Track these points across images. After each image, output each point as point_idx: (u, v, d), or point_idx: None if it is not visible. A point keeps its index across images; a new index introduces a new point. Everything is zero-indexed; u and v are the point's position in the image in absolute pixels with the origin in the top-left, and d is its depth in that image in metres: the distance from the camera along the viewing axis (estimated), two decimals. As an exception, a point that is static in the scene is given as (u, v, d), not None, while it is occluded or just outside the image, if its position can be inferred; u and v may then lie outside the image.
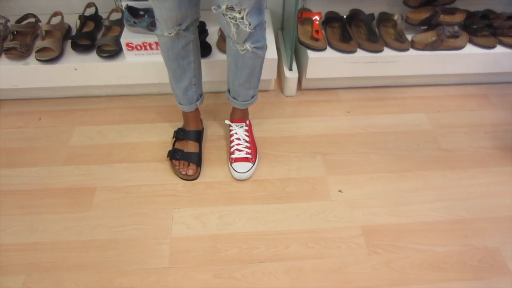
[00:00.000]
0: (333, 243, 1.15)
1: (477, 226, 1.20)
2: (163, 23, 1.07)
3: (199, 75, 1.28)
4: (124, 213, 1.22)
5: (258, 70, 1.19)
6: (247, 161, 1.30)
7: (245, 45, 1.07)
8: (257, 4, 0.98)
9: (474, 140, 1.47)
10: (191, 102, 1.31)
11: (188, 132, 1.36)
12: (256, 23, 1.01)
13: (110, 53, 1.43)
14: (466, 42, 1.54)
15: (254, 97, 1.30)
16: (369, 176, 1.33)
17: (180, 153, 1.33)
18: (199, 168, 1.33)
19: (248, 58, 1.11)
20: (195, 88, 1.29)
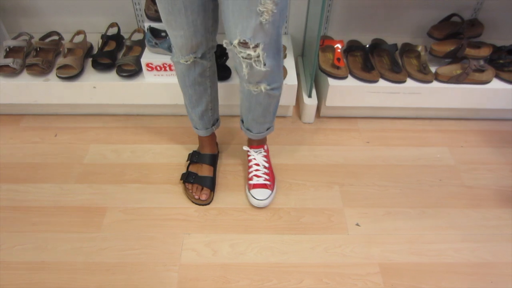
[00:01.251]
0: (349, 280, 1.09)
1: (503, 271, 1.13)
2: (178, 50, 1.05)
3: (216, 100, 1.26)
4: (133, 236, 1.18)
5: (274, 107, 1.15)
6: (266, 188, 1.26)
7: (260, 86, 1.02)
8: (275, 42, 0.92)
9: (499, 178, 1.41)
10: (207, 127, 1.29)
11: (203, 156, 1.34)
12: (273, 64, 0.96)
13: (129, 73, 1.43)
14: (492, 77, 1.50)
15: (270, 129, 1.26)
16: (388, 210, 1.27)
17: (194, 177, 1.30)
18: (213, 193, 1.30)
19: (262, 98, 1.07)
20: (211, 113, 1.26)
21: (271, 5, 0.83)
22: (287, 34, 1.70)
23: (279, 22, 0.89)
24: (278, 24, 0.89)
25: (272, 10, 0.84)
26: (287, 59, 1.55)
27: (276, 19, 0.87)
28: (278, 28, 0.90)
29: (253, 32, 0.87)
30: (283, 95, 1.46)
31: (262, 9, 0.83)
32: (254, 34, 0.88)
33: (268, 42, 0.90)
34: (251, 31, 0.87)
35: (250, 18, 0.85)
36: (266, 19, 0.85)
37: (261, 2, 0.82)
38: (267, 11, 0.84)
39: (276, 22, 0.88)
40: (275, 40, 0.92)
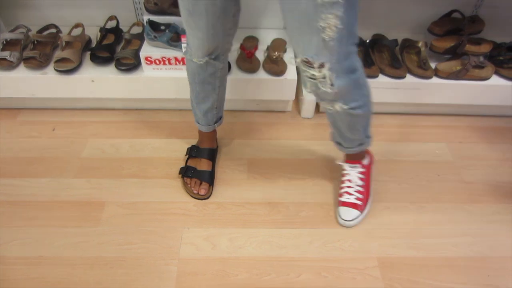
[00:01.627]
0: (348, 274, 1.10)
1: (500, 265, 1.13)
2: (194, 51, 1.03)
3: (222, 100, 1.25)
4: (132, 230, 1.18)
5: (362, 125, 1.04)
6: (355, 208, 1.20)
7: (334, 105, 0.93)
8: (344, 60, 0.82)
9: (498, 174, 1.41)
10: (209, 123, 1.28)
11: (202, 150, 1.33)
12: (346, 85, 0.86)
13: (128, 66, 1.42)
14: (491, 73, 1.50)
15: (363, 145, 1.14)
16: (387, 205, 1.28)
17: (193, 171, 1.29)
18: (211, 187, 1.29)
19: (343, 116, 0.97)
20: (216, 112, 1.25)
21: (334, 19, 0.74)
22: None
23: (347, 39, 0.79)
24: (347, 41, 0.79)
25: (336, 26, 0.75)
26: (288, 54, 1.54)
27: (343, 35, 0.77)
28: (348, 46, 0.81)
29: (315, 50, 0.79)
30: (283, 90, 1.46)
31: (324, 25, 0.74)
32: (317, 52, 0.79)
33: (335, 61, 0.81)
34: (314, 49, 0.79)
35: (312, 35, 0.77)
36: (330, 36, 0.76)
37: (322, 17, 0.74)
38: (329, 27, 0.75)
39: (344, 39, 0.78)
40: (345, 58, 0.82)
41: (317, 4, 0.72)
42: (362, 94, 0.95)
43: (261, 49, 1.56)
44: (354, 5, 0.76)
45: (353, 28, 0.79)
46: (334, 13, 0.73)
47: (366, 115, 1.01)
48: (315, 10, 0.73)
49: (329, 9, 0.73)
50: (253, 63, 1.46)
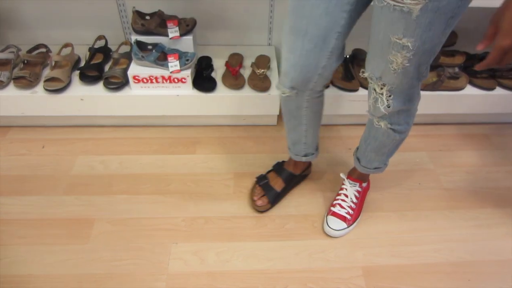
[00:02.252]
0: (333, 284, 1.13)
1: (480, 269, 1.18)
2: (282, 77, 1.01)
3: (312, 137, 1.20)
4: (121, 246, 1.20)
5: (390, 150, 1.12)
6: (344, 221, 1.24)
7: (381, 122, 1.01)
8: (406, 89, 0.90)
9: (476, 180, 1.46)
10: (297, 154, 1.27)
11: (283, 170, 1.35)
12: (398, 109, 0.95)
13: (116, 85, 1.45)
14: (466, 84, 1.56)
15: (378, 169, 1.21)
16: (370, 215, 1.32)
17: (264, 183, 1.33)
18: (270, 205, 1.31)
19: (381, 133, 1.05)
20: (305, 147, 1.23)
21: (401, 58, 0.81)
22: (271, 46, 1.75)
23: (413, 75, 0.86)
24: (412, 76, 0.86)
25: (403, 63, 0.82)
26: (271, 70, 1.59)
27: (409, 71, 0.84)
28: (412, 80, 0.87)
29: (381, 74, 0.88)
30: (266, 103, 1.51)
31: (392, 59, 0.82)
32: (382, 75, 0.88)
33: (396, 87, 0.89)
34: (380, 72, 0.88)
35: (381, 61, 0.85)
36: (395, 69, 0.84)
37: (392, 53, 0.81)
38: (396, 62, 0.82)
39: (409, 74, 0.85)
40: (407, 88, 0.90)
41: (390, 41, 0.80)
42: (407, 122, 1.02)
43: (246, 65, 1.61)
44: (428, 52, 0.81)
45: (421, 68, 0.86)
46: (403, 53, 0.80)
47: (398, 142, 1.09)
48: (388, 45, 0.81)
49: (399, 49, 0.80)
50: (238, 80, 1.50)
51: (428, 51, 0.81)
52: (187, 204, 1.33)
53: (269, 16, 1.64)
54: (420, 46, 0.78)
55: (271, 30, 1.70)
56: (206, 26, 1.66)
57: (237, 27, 1.67)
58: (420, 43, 0.78)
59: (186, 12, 1.59)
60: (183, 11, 1.58)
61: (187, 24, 1.45)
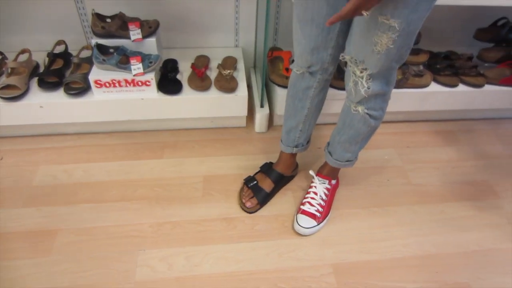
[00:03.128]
0: (304, 283, 1.12)
1: (447, 261, 1.19)
2: (296, 59, 1.09)
3: (309, 125, 1.25)
4: (86, 257, 1.16)
5: (363, 138, 1.14)
6: (313, 218, 1.24)
7: (358, 107, 1.04)
8: (384, 73, 0.93)
9: (443, 175, 1.49)
10: (288, 144, 1.29)
11: (272, 171, 1.35)
12: (377, 92, 0.97)
13: (78, 90, 1.41)
14: (430, 81, 1.60)
15: (349, 162, 1.23)
16: (340, 212, 1.32)
17: (253, 184, 1.33)
18: (259, 206, 1.31)
19: (357, 120, 1.07)
20: (299, 134, 1.26)
21: (386, 39, 0.83)
22: (238, 47, 1.74)
23: (394, 57, 0.88)
24: (393, 58, 0.88)
25: (387, 45, 0.84)
26: (238, 71, 1.58)
27: (392, 53, 0.87)
28: (392, 62, 0.90)
29: (364, 57, 0.91)
30: (235, 105, 1.49)
31: (377, 40, 0.85)
32: (365, 58, 0.91)
33: (377, 71, 0.92)
34: (363, 55, 0.90)
35: (365, 44, 0.88)
36: (379, 51, 0.86)
37: (378, 34, 0.84)
38: (380, 44, 0.85)
39: (391, 56, 0.88)
40: (386, 71, 0.93)
41: (377, 22, 0.82)
42: (381, 108, 1.05)
43: (213, 67, 1.60)
44: (411, 34, 0.84)
45: (401, 50, 0.88)
46: (388, 34, 0.83)
47: (373, 129, 1.11)
48: (375, 25, 0.83)
49: (385, 30, 0.82)
50: (204, 81, 1.48)
51: (412, 33, 0.84)
52: (154, 210, 1.30)
53: (235, 17, 1.63)
54: (405, 27, 0.81)
55: (238, 32, 1.69)
56: (171, 29, 1.63)
57: (203, 29, 1.66)
58: (406, 25, 0.80)
59: (149, 14, 1.56)
60: (145, 13, 1.56)
61: (150, 26, 1.42)
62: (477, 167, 1.53)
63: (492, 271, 1.17)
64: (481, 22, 1.75)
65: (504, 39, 1.67)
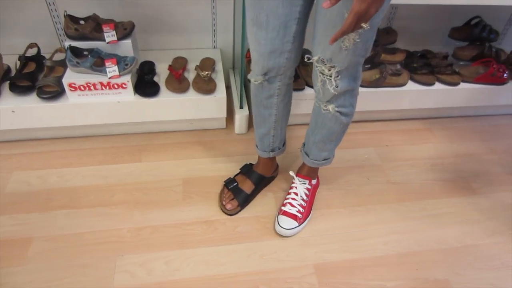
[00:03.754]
0: (285, 284, 1.11)
1: (427, 258, 1.20)
2: (253, 67, 1.06)
3: (280, 128, 1.24)
4: (62, 265, 1.13)
5: (337, 136, 1.14)
6: (295, 219, 1.23)
7: (328, 106, 1.03)
8: (351, 69, 0.93)
9: (421, 172, 1.51)
10: (264, 150, 1.29)
11: (253, 172, 1.34)
12: (345, 89, 0.97)
13: (51, 94, 1.37)
14: (407, 80, 1.61)
15: (327, 160, 1.24)
16: (320, 212, 1.32)
17: (233, 186, 1.31)
18: (239, 208, 1.30)
19: (329, 119, 1.07)
20: (273, 140, 1.25)
21: (354, 34, 0.83)
22: (216, 48, 1.73)
23: (360, 52, 0.89)
24: (359, 53, 0.89)
25: (354, 39, 0.84)
26: (217, 73, 1.57)
27: (358, 48, 0.87)
28: (359, 57, 0.91)
29: (331, 55, 0.90)
30: (214, 107, 1.48)
31: (344, 36, 0.82)
32: (333, 56, 0.90)
33: (345, 68, 0.92)
34: (330, 53, 0.89)
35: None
36: (346, 46, 0.86)
37: None
38: (348, 39, 0.84)
39: (358, 51, 0.88)
40: (353, 67, 0.93)
41: (343, 17, 0.80)
42: (351, 104, 1.05)
43: (191, 69, 1.58)
44: (375, 26, 0.86)
45: (367, 44, 0.89)
46: None
47: (345, 126, 1.11)
48: (341, 21, 0.81)
49: None
50: (182, 83, 1.46)
51: (376, 25, 0.85)
52: (133, 214, 1.27)
53: (212, 18, 1.62)
54: (371, 20, 0.81)
55: (215, 33, 1.68)
56: (147, 30, 1.61)
57: (180, 31, 1.64)
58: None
59: (123, 15, 1.53)
60: (120, 15, 1.53)
61: (125, 28, 1.40)
62: (455, 164, 1.56)
63: (471, 266, 1.19)
64: (455, 22, 1.79)
65: (477, 37, 1.71)
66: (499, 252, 1.23)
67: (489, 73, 1.63)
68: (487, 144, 1.67)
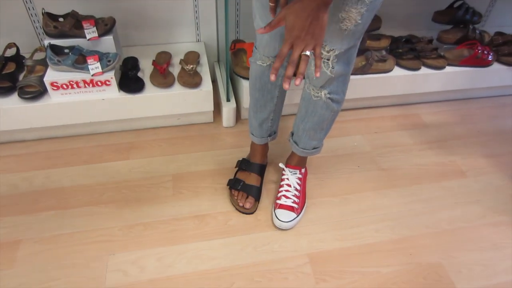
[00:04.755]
0: (280, 275, 1.11)
1: (419, 243, 1.21)
2: (261, 49, 1.05)
3: (278, 112, 1.25)
4: (52, 266, 1.11)
5: (327, 124, 1.14)
6: (292, 211, 1.23)
7: (321, 92, 1.02)
8: (347, 52, 0.92)
9: (410, 157, 1.51)
10: (263, 135, 1.28)
11: (252, 165, 1.33)
12: (340, 72, 0.96)
13: (33, 94, 1.34)
14: (393, 66, 1.61)
15: (316, 149, 1.23)
16: (312, 202, 1.31)
17: (241, 184, 1.28)
18: (257, 203, 1.28)
19: (320, 106, 1.07)
20: (271, 124, 1.25)
21: (355, 14, 0.82)
22: (200, 42, 1.71)
23: (358, 34, 0.88)
24: (357, 35, 0.88)
25: (356, 20, 0.83)
26: (202, 66, 1.55)
27: (358, 30, 0.86)
28: (355, 40, 0.90)
29: (330, 36, 0.88)
30: (200, 101, 1.46)
31: (344, 16, 0.83)
32: (331, 38, 0.88)
33: (343, 51, 0.90)
34: (329, 34, 0.88)
35: (331, 22, 0.85)
36: (347, 27, 0.84)
37: (345, 9, 0.82)
38: (349, 19, 0.83)
39: (356, 33, 0.87)
40: (349, 50, 0.92)
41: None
42: (343, 91, 1.05)
43: (175, 63, 1.56)
44: (375, 8, 0.85)
45: (365, 26, 0.88)
46: (358, 8, 0.81)
47: (335, 114, 1.11)
48: (342, 1, 0.81)
49: (354, 4, 0.81)
50: (167, 78, 1.44)
51: (377, 6, 0.84)
52: (123, 212, 1.25)
53: (195, 11, 1.60)
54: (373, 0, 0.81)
55: (199, 26, 1.65)
56: (128, 26, 1.58)
57: (162, 25, 1.61)
58: None
59: (103, 11, 1.50)
60: (99, 10, 1.49)
61: (106, 24, 1.37)
62: (444, 148, 1.56)
63: (463, 249, 1.20)
64: (438, 5, 1.79)
65: (461, 20, 1.71)
66: (489, 233, 1.24)
67: (473, 56, 1.64)
68: (474, 126, 1.69)
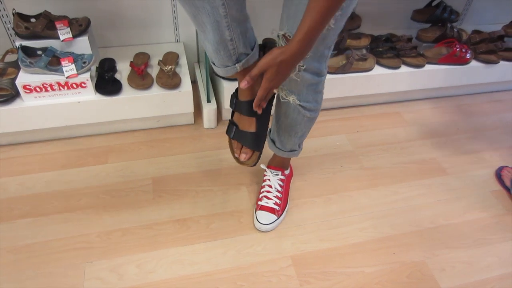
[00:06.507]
0: (263, 278, 1.09)
1: (403, 241, 1.21)
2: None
3: (238, 29, 0.83)
4: (27, 275, 1.06)
5: (302, 129, 1.08)
6: (273, 213, 1.20)
7: (289, 97, 0.97)
8: (315, 62, 0.88)
9: (392, 156, 1.51)
10: (226, 64, 0.87)
11: (241, 104, 0.97)
12: (308, 80, 0.92)
13: (5, 98, 1.29)
14: (374, 64, 1.61)
15: (293, 152, 1.18)
16: (295, 203, 1.30)
17: (235, 131, 1.02)
18: (256, 154, 1.02)
19: (292, 109, 1.02)
20: (232, 46, 0.84)
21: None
22: (179, 42, 1.68)
23: (327, 41, 0.85)
24: (327, 43, 0.86)
25: (330, 24, 0.80)
26: (181, 67, 1.52)
27: (328, 36, 0.83)
28: (325, 49, 0.87)
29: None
30: (180, 102, 1.43)
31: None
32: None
33: (310, 56, 0.86)
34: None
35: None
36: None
37: None
38: None
39: (326, 40, 0.84)
40: (317, 59, 0.88)
41: None
42: (315, 100, 1.01)
43: (154, 64, 1.52)
44: (346, 15, 0.82)
45: (336, 33, 0.85)
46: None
47: (309, 121, 1.06)
48: None
49: None
50: (145, 79, 1.41)
51: (349, 14, 0.82)
52: (102, 218, 1.21)
53: (173, 11, 1.57)
54: (349, 5, 0.80)
55: (177, 26, 1.62)
56: (104, 26, 1.54)
57: (140, 25, 1.58)
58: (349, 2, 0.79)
59: (78, 11, 1.45)
60: (73, 10, 1.44)
61: (80, 24, 1.33)
62: (425, 146, 1.57)
63: (446, 246, 1.20)
64: (417, 4, 1.80)
65: (439, 18, 1.72)
66: (471, 230, 1.25)
67: (452, 54, 1.65)
68: (454, 124, 1.70)
